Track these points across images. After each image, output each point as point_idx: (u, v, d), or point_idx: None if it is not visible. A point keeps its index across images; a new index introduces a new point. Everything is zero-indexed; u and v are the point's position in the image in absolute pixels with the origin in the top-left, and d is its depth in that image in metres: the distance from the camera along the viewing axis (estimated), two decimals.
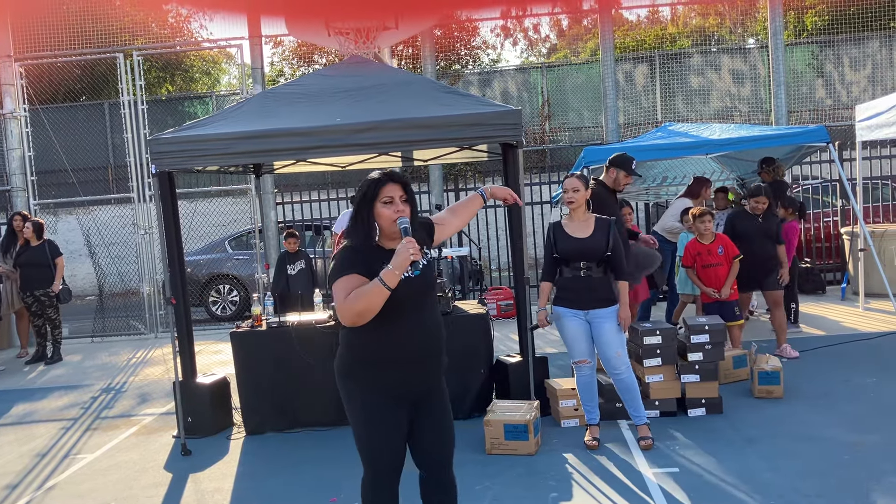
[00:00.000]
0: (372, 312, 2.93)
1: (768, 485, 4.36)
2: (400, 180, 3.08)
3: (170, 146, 5.59)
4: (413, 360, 3.14)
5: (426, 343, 3.17)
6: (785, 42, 12.42)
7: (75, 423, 6.78)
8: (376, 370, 3.13)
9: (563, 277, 5.13)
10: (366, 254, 3.05)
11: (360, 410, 3.17)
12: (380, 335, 3.09)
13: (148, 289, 11.38)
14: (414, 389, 3.20)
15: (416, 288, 3.08)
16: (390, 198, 3.05)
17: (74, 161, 12.82)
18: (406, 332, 3.11)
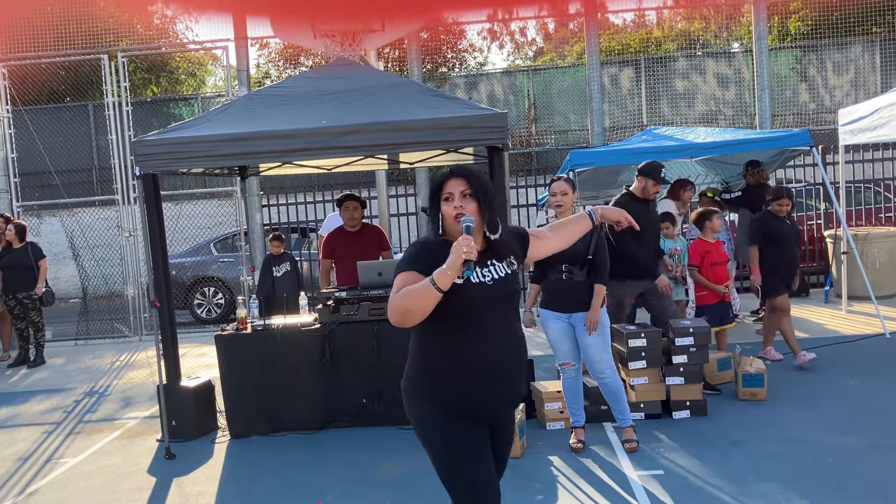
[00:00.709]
0: (419, 313, 2.69)
1: (752, 487, 4.38)
2: (463, 174, 2.86)
3: (154, 148, 5.56)
4: (487, 377, 2.85)
5: (500, 360, 2.86)
6: (769, 46, 12.50)
7: (58, 426, 6.72)
8: (447, 383, 2.86)
9: (548, 280, 5.15)
10: (434, 251, 2.80)
11: (433, 432, 2.87)
12: (452, 344, 2.85)
13: (132, 291, 11.31)
14: (488, 411, 2.91)
15: (493, 297, 2.85)
16: (450, 194, 2.85)
17: (58, 163, 12.74)
18: (480, 344, 2.84)
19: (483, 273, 2.86)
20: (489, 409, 2.91)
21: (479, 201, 2.82)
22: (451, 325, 2.82)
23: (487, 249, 2.90)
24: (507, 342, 2.88)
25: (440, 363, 2.86)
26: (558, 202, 5.06)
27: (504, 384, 2.89)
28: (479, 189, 2.83)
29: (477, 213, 2.81)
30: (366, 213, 7.53)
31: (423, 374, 2.91)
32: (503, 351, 2.87)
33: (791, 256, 6.89)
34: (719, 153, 8.41)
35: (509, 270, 2.91)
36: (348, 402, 5.93)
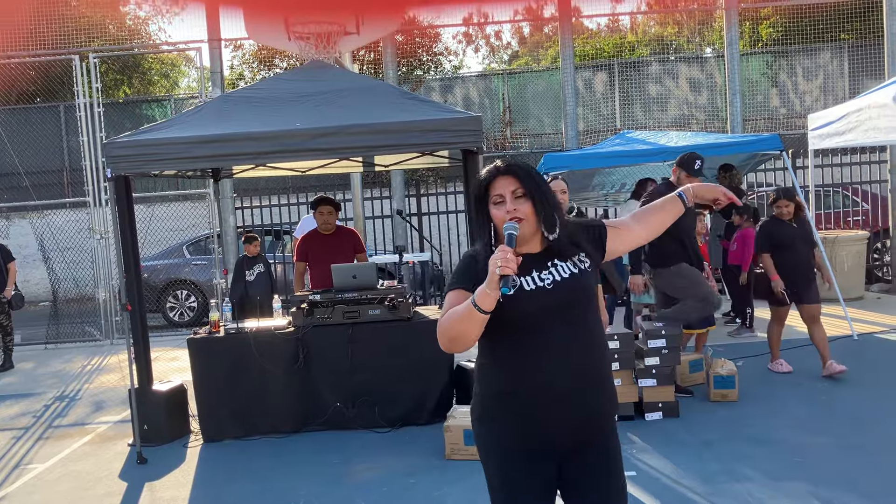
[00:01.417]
0: (467, 338, 2.38)
1: (724, 487, 4.43)
2: (513, 172, 2.48)
3: (126, 150, 5.51)
4: (551, 394, 2.44)
5: (567, 372, 2.44)
6: (740, 52, 12.67)
7: (26, 432, 6.63)
8: (505, 407, 2.49)
9: None
10: (484, 262, 2.41)
11: (493, 470, 2.54)
12: (511, 363, 2.48)
13: (104, 294, 11.18)
14: (557, 437, 2.48)
15: (555, 302, 2.46)
16: (500, 196, 2.46)
17: (28, 164, 12.57)
18: (544, 360, 2.44)
19: (542, 276, 2.48)
20: (562, 436, 2.48)
21: (534, 200, 2.45)
22: (507, 342, 2.48)
23: (547, 250, 2.54)
24: (580, 352, 2.47)
25: (500, 385, 2.50)
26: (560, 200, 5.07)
27: (577, 404, 2.46)
28: (534, 186, 2.47)
29: (532, 214, 2.46)
30: (341, 215, 7.51)
31: (483, 398, 2.57)
32: (575, 363, 2.45)
33: (798, 263, 6.51)
34: None
35: (576, 269, 2.51)
36: (322, 405, 5.90)
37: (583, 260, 2.55)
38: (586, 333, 2.50)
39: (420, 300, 10.85)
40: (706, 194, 2.74)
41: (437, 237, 13.02)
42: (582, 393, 2.46)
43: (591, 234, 2.62)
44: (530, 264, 2.49)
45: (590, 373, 2.49)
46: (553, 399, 2.44)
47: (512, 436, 2.50)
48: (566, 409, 2.45)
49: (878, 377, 6.46)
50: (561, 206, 2.58)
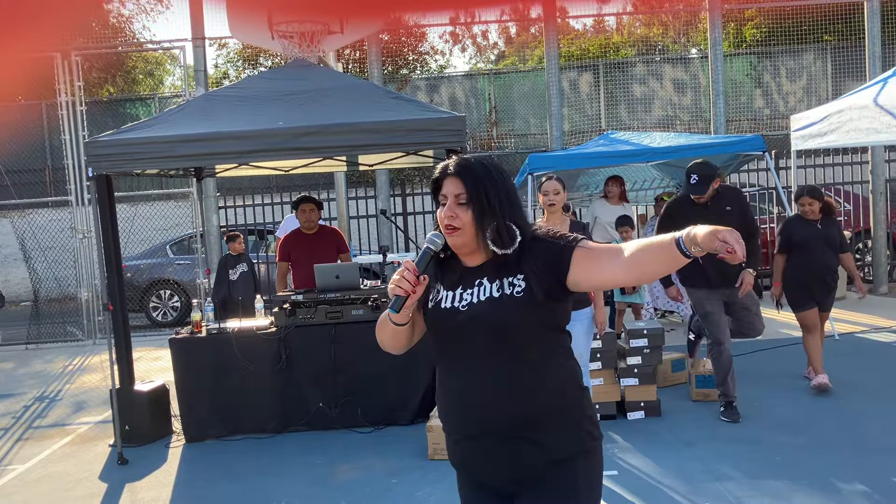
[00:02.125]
0: (390, 346, 2.31)
1: (705, 486, 4.45)
2: (460, 173, 2.18)
3: (108, 149, 5.47)
4: (466, 432, 2.22)
5: (478, 411, 2.16)
6: (724, 53, 12.73)
7: (6, 433, 6.57)
8: (445, 432, 2.33)
9: None
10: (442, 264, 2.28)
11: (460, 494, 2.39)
12: (440, 384, 2.29)
13: (86, 294, 11.10)
14: (486, 476, 2.25)
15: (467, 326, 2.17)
16: (444, 198, 2.20)
17: (9, 162, 12.48)
18: (457, 388, 2.21)
19: (463, 296, 2.21)
20: (492, 475, 2.23)
21: (476, 210, 2.15)
22: (440, 364, 2.29)
23: (484, 266, 2.22)
24: (495, 389, 2.14)
25: (440, 410, 2.33)
26: (550, 201, 5.02)
27: (502, 451, 2.17)
28: (481, 193, 2.15)
29: (472, 224, 2.16)
30: (325, 215, 7.49)
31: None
32: (492, 397, 2.15)
33: (811, 265, 6.06)
34: (674, 158, 8.53)
35: (499, 293, 2.15)
36: (305, 406, 5.89)
37: (515, 283, 2.15)
38: (507, 370, 2.15)
39: None
40: (706, 243, 1.93)
41: (422, 237, 13.01)
42: (509, 439, 2.16)
43: (551, 253, 2.17)
44: (462, 279, 2.23)
45: (515, 417, 2.14)
46: (474, 441, 2.20)
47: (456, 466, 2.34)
48: (489, 454, 2.19)
49: (859, 377, 6.51)
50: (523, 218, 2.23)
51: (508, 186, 2.22)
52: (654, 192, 10.46)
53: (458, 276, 2.24)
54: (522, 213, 2.23)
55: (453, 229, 2.17)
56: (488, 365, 2.16)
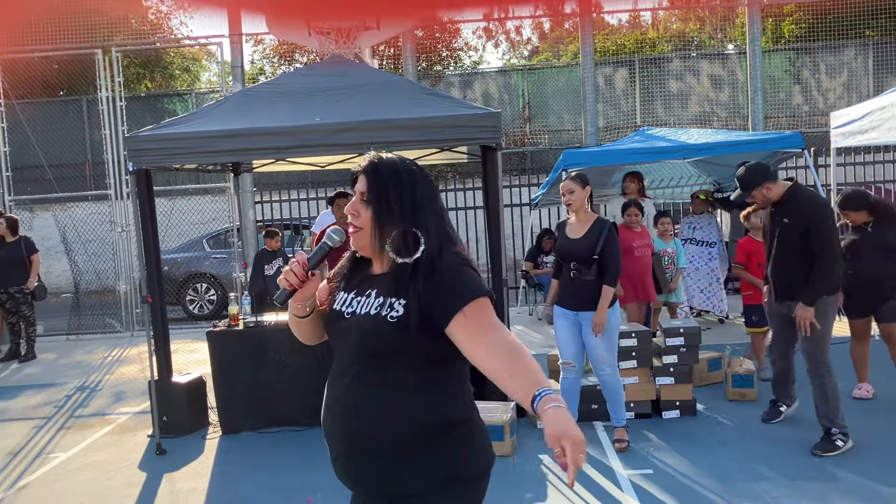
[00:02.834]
0: (299, 336, 2.30)
1: (740, 486, 4.41)
2: (367, 171, 2.12)
3: (147, 144, 5.56)
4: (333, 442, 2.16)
5: (338, 430, 2.11)
6: (763, 48, 12.56)
7: (49, 421, 6.72)
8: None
9: (562, 276, 5.16)
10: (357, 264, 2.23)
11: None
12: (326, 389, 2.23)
13: (125, 287, 11.30)
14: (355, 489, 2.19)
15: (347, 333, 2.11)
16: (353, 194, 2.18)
17: (51, 157, 12.71)
18: (334, 394, 2.15)
19: (352, 301, 2.15)
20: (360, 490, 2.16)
21: (374, 211, 2.07)
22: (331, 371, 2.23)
23: (386, 274, 2.12)
24: (361, 404, 2.07)
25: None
26: (568, 201, 5.06)
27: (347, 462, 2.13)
28: (382, 194, 2.07)
29: (370, 224, 2.08)
30: None
31: None
32: (345, 415, 2.09)
33: (865, 273, 5.62)
34: (711, 154, 8.45)
35: (381, 312, 2.05)
36: None
37: (395, 306, 2.03)
38: (376, 388, 2.06)
39: None
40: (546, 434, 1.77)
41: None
42: (358, 462, 2.09)
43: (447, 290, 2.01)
44: (359, 283, 2.17)
45: (361, 440, 2.07)
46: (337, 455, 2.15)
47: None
48: (346, 472, 2.14)
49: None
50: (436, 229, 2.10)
51: (419, 191, 2.09)
52: (691, 188, 10.37)
53: (358, 280, 2.17)
54: (435, 224, 2.09)
55: (355, 228, 2.11)
56: (351, 380, 2.09)
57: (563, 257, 5.10)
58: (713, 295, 8.78)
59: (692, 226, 8.93)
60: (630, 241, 6.81)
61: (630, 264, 6.70)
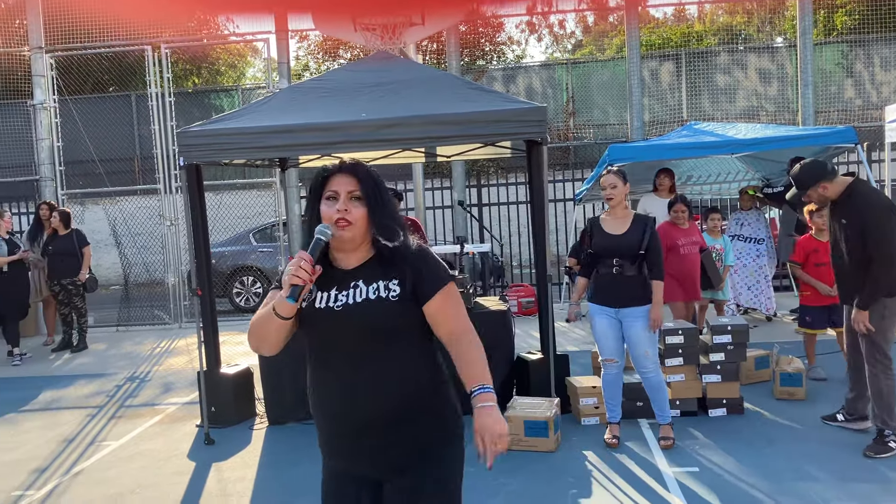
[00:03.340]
0: (268, 343, 2.32)
1: (789, 485, 4.35)
2: (354, 171, 2.31)
3: (198, 139, 5.65)
4: (340, 428, 2.34)
5: (358, 407, 2.28)
6: (814, 41, 12.30)
7: (100, 410, 6.89)
8: (319, 428, 2.42)
9: (598, 274, 5.09)
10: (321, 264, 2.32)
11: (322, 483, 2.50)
12: (313, 380, 2.39)
13: (173, 279, 11.51)
14: (357, 466, 2.38)
15: (341, 325, 2.27)
16: (335, 192, 2.29)
17: (102, 152, 12.98)
18: (330, 387, 2.33)
19: (338, 296, 2.30)
20: (364, 465, 2.36)
21: (369, 206, 2.29)
22: (313, 361, 2.37)
23: (364, 265, 2.34)
24: (365, 385, 2.27)
25: (311, 401, 2.42)
26: (608, 196, 5.03)
27: (361, 438, 2.31)
28: (373, 190, 2.29)
29: (364, 219, 2.28)
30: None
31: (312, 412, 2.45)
32: (358, 396, 2.28)
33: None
34: (760, 150, 8.31)
35: (381, 294, 2.28)
36: None
37: (391, 287, 2.28)
38: (378, 368, 2.27)
39: (480, 291, 10.88)
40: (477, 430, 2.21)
41: (498, 228, 13.02)
42: (379, 430, 2.29)
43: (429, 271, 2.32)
44: (336, 280, 2.32)
45: (375, 413, 2.27)
46: (341, 427, 2.32)
47: (326, 453, 2.45)
48: (361, 445, 2.32)
49: None
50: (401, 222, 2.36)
51: (387, 191, 2.38)
52: (739, 184, 10.22)
53: (329, 278, 2.32)
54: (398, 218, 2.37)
55: (346, 223, 2.27)
56: (360, 362, 2.27)
57: (603, 253, 5.04)
58: (760, 292, 8.66)
59: (740, 222, 8.80)
60: (675, 239, 6.70)
61: (676, 262, 6.62)
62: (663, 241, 6.61)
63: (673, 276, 6.60)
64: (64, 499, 4.76)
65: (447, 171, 13.82)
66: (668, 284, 6.58)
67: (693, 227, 6.93)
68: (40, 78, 11.58)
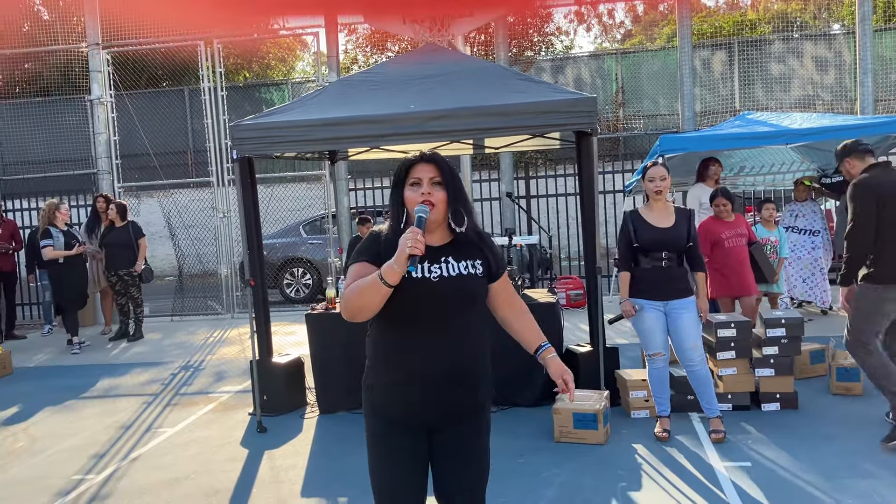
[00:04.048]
0: (369, 309, 2.55)
1: (846, 483, 4.26)
2: (435, 160, 2.65)
3: (250, 132, 5.73)
4: (420, 380, 2.64)
5: (436, 363, 2.63)
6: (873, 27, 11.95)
7: (156, 398, 7.05)
8: (382, 381, 2.70)
9: (641, 268, 5.05)
10: (391, 241, 2.59)
11: (368, 430, 2.79)
12: (391, 341, 2.69)
13: (226, 270, 11.71)
14: (424, 416, 2.70)
15: (436, 295, 2.61)
16: (418, 179, 2.63)
17: (156, 145, 13.25)
18: (418, 343, 2.64)
19: (431, 268, 2.62)
20: (427, 415, 2.69)
21: (448, 190, 2.62)
22: (394, 324, 2.65)
23: (446, 246, 2.69)
24: (458, 344, 2.65)
25: (381, 360, 2.70)
26: (657, 188, 4.97)
27: (445, 387, 2.65)
28: (450, 177, 2.63)
29: (444, 202, 2.62)
30: None
31: (368, 369, 2.76)
32: (450, 353, 2.63)
33: None
34: (816, 140, 8.11)
35: (465, 272, 2.66)
36: None
37: (476, 266, 2.70)
38: (461, 332, 2.66)
39: (528, 283, 10.85)
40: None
41: (546, 220, 12.95)
42: (448, 383, 2.64)
43: (497, 257, 2.79)
44: (426, 255, 2.58)
45: (462, 367, 2.66)
46: (420, 383, 2.63)
47: (385, 407, 2.71)
48: (431, 393, 2.64)
49: None
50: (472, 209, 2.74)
51: (460, 180, 2.71)
52: (793, 175, 10.00)
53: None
54: (469, 203, 2.74)
55: (431, 205, 2.59)
56: (447, 325, 2.63)
57: (652, 247, 4.98)
58: (815, 285, 8.48)
59: (794, 213, 8.62)
60: (719, 233, 6.56)
61: (721, 256, 6.49)
62: (707, 237, 6.52)
63: (719, 271, 6.49)
64: (122, 483, 4.89)
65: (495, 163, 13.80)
66: (714, 280, 6.50)
67: (739, 219, 6.77)
68: (97, 73, 11.86)
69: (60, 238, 9.39)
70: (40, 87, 18.45)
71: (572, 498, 4.26)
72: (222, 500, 4.53)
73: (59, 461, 5.40)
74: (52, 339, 10.40)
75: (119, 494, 4.70)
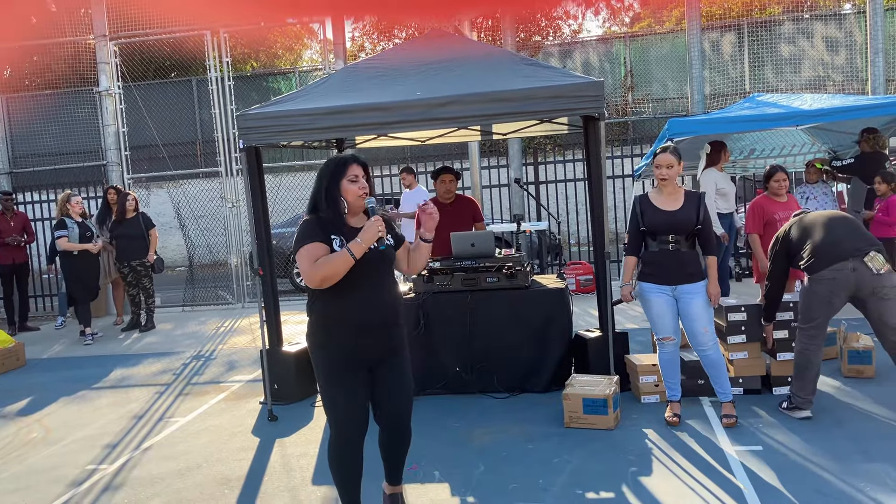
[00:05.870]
0: (335, 278, 3.31)
1: (858, 466, 4.24)
2: (362, 163, 3.50)
3: (257, 122, 5.73)
4: (365, 327, 3.43)
5: (377, 312, 3.45)
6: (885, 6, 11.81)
7: (168, 388, 7.09)
8: (334, 335, 3.43)
9: (650, 252, 5.03)
10: (330, 225, 3.42)
11: (323, 375, 3.47)
12: (337, 302, 3.42)
13: (235, 260, 11.75)
14: (368, 355, 3.48)
15: (372, 262, 3.42)
16: (356, 176, 3.44)
17: (165, 136, 13.29)
18: (360, 300, 3.42)
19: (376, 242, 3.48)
20: (369, 355, 3.48)
21: (371, 187, 3.53)
22: (339, 287, 3.37)
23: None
24: (384, 297, 3.47)
25: (331, 316, 3.42)
26: (663, 175, 4.95)
27: (379, 331, 3.48)
28: (370, 177, 3.52)
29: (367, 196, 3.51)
30: (458, 184, 7.58)
31: (317, 325, 3.47)
32: (380, 304, 3.45)
33: None
34: (827, 121, 8.03)
35: (390, 242, 3.55)
36: (442, 370, 6.03)
37: (390, 239, 3.57)
38: (388, 287, 3.52)
39: (537, 269, 10.83)
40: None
41: (555, 206, 12.91)
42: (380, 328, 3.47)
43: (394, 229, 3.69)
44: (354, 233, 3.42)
45: (387, 313, 3.49)
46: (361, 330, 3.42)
47: (335, 353, 3.44)
48: (370, 337, 3.45)
49: None
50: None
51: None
52: (804, 157, 9.92)
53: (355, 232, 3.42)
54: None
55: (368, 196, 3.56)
56: (378, 284, 3.47)
57: (659, 230, 4.96)
58: None
59: (805, 195, 8.56)
60: (772, 213, 6.51)
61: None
62: (760, 216, 6.49)
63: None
64: (135, 473, 4.93)
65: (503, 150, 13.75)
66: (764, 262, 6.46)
67: (792, 200, 6.71)
68: (105, 65, 11.88)
69: (75, 229, 9.44)
70: (49, 79, 18.50)
71: (583, 483, 4.26)
72: (234, 488, 4.56)
73: (72, 451, 5.44)
74: (64, 331, 10.47)
75: (132, 484, 4.73)
